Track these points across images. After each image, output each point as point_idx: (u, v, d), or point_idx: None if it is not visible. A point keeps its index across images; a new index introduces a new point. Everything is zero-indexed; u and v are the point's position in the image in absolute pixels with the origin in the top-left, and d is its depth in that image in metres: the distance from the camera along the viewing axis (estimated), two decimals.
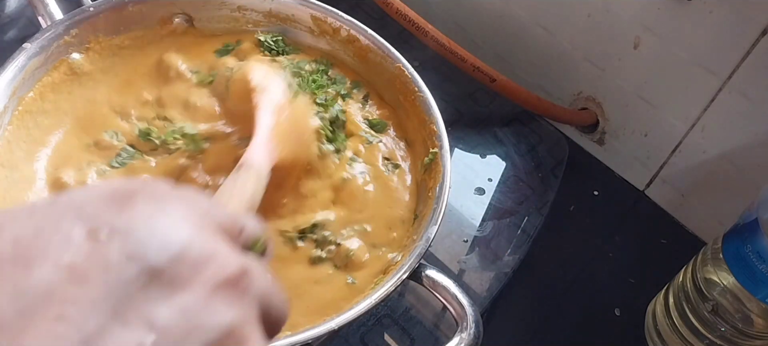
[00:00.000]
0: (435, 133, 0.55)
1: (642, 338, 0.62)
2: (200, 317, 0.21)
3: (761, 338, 0.53)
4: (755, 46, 0.58)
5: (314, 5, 0.61)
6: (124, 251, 0.21)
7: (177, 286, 0.21)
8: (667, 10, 0.62)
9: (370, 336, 0.54)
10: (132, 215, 0.22)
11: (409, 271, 0.46)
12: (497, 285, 0.60)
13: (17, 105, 0.52)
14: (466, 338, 0.44)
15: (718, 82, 0.62)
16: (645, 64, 0.67)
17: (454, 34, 0.69)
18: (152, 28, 0.60)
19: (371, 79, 0.62)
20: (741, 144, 0.63)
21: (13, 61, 0.51)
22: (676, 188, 0.71)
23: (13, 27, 0.68)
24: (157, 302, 0.21)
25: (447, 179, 0.51)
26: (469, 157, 0.70)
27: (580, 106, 0.75)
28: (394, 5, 0.67)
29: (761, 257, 0.49)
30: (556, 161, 0.71)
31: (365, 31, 0.60)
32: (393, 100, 0.61)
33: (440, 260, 0.60)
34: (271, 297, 0.25)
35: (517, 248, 0.62)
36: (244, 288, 0.23)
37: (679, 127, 0.67)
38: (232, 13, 0.62)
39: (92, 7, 0.56)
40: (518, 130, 0.73)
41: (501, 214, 0.65)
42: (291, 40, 0.63)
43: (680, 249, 0.63)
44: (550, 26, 0.73)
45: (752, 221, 0.49)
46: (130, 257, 0.21)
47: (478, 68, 0.68)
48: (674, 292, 0.58)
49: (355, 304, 0.44)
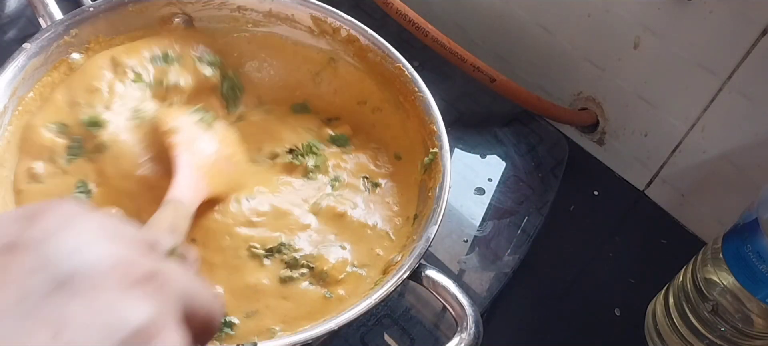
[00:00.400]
0: (435, 133, 0.55)
1: (642, 338, 0.62)
2: (112, 313, 0.22)
3: (761, 338, 0.53)
4: (755, 46, 0.58)
5: (314, 5, 0.61)
6: (33, 262, 0.22)
7: (87, 288, 0.22)
8: (667, 10, 0.62)
9: (370, 336, 0.54)
10: (40, 229, 0.23)
11: (409, 271, 0.46)
12: (497, 285, 0.60)
13: (17, 105, 0.51)
14: (466, 338, 0.44)
15: (718, 82, 0.62)
16: (645, 64, 0.67)
17: (454, 34, 0.69)
18: (152, 28, 0.60)
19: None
20: (741, 144, 0.63)
21: (13, 61, 0.51)
22: (676, 188, 0.71)
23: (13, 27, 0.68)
24: (67, 304, 0.21)
25: (447, 179, 0.51)
26: (469, 158, 0.70)
27: (580, 106, 0.76)
28: (394, 5, 0.67)
29: (761, 257, 0.49)
30: (556, 161, 0.71)
31: (365, 31, 0.60)
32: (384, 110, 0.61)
33: (440, 260, 0.60)
34: (194, 294, 0.26)
35: (517, 248, 0.62)
36: (159, 285, 0.24)
37: (679, 127, 0.67)
38: (232, 13, 0.62)
39: (92, 7, 0.56)
40: (518, 130, 0.73)
41: (501, 214, 0.65)
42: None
43: (680, 249, 0.63)
44: (550, 26, 0.73)
45: (752, 221, 0.49)
46: (39, 266, 0.22)
47: (478, 68, 0.68)
48: (674, 292, 0.58)
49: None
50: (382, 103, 0.61)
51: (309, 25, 0.62)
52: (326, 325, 0.43)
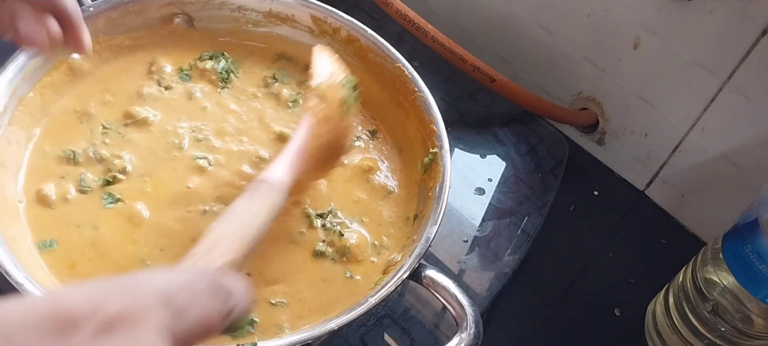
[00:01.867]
0: (435, 133, 0.55)
1: (642, 338, 0.62)
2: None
3: (761, 338, 0.53)
4: (755, 46, 0.58)
5: (314, 5, 0.61)
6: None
7: None
8: (667, 10, 0.62)
9: (370, 336, 0.54)
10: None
11: (409, 271, 0.46)
12: (497, 285, 0.60)
13: (17, 105, 0.52)
14: (466, 338, 0.44)
15: (718, 82, 0.62)
16: (645, 64, 0.67)
17: (454, 34, 0.69)
18: (152, 28, 0.60)
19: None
20: (741, 144, 0.63)
21: (13, 61, 0.51)
22: (676, 188, 0.71)
23: None
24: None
25: (447, 179, 0.52)
26: (469, 157, 0.70)
27: (580, 107, 0.75)
28: (394, 5, 0.67)
29: (761, 257, 0.49)
30: (556, 161, 0.71)
31: (365, 31, 0.60)
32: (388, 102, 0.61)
33: (440, 260, 0.60)
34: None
35: (517, 248, 0.62)
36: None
37: (679, 127, 0.67)
38: (232, 13, 0.62)
39: (92, 7, 0.56)
40: (518, 130, 0.73)
41: (501, 214, 0.65)
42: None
43: (680, 249, 0.63)
44: (551, 26, 0.73)
45: (752, 221, 0.49)
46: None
47: (478, 68, 0.68)
48: (674, 292, 0.58)
49: (354, 303, 0.44)
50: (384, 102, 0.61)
51: (309, 25, 0.62)
52: (326, 325, 0.43)
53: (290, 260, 0.50)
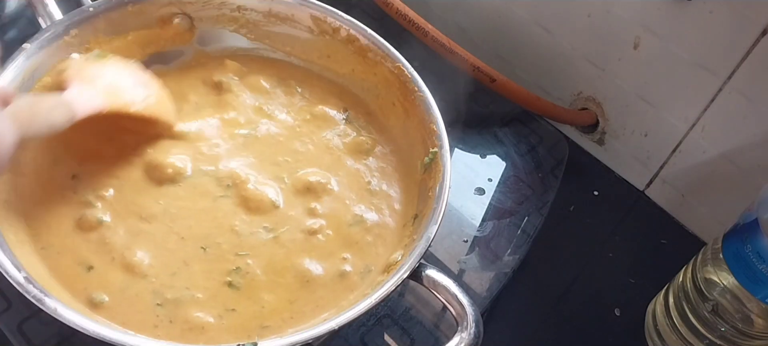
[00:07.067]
0: (435, 133, 0.55)
1: (642, 338, 0.62)
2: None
3: (761, 338, 0.53)
4: (755, 47, 0.58)
5: (314, 5, 0.61)
6: None
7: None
8: (667, 10, 0.62)
9: (370, 336, 0.54)
10: None
11: (409, 270, 0.46)
12: (497, 285, 0.60)
13: None
14: (466, 338, 0.44)
15: (718, 82, 0.62)
16: (645, 64, 0.67)
17: (454, 34, 0.69)
18: (152, 29, 0.60)
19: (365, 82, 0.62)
20: (741, 144, 0.63)
21: (13, 62, 0.51)
22: (676, 188, 0.71)
23: (13, 27, 0.68)
24: None
25: (447, 179, 0.51)
26: (469, 157, 0.70)
27: (580, 106, 0.75)
28: (394, 5, 0.67)
29: (761, 257, 0.49)
30: (556, 161, 0.71)
31: (365, 31, 0.60)
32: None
33: (440, 260, 0.60)
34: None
35: (517, 248, 0.62)
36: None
37: (679, 127, 0.67)
38: (232, 13, 0.62)
39: (92, 7, 0.56)
40: (518, 130, 0.73)
41: (501, 214, 0.65)
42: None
43: (680, 249, 0.63)
44: (550, 26, 0.73)
45: (752, 221, 0.49)
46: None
47: (478, 68, 0.68)
48: (674, 292, 0.58)
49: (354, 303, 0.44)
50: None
51: (309, 25, 0.62)
52: (326, 325, 0.43)
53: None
